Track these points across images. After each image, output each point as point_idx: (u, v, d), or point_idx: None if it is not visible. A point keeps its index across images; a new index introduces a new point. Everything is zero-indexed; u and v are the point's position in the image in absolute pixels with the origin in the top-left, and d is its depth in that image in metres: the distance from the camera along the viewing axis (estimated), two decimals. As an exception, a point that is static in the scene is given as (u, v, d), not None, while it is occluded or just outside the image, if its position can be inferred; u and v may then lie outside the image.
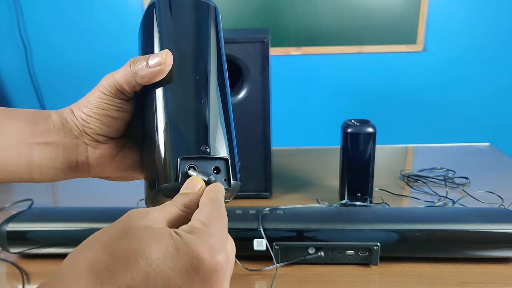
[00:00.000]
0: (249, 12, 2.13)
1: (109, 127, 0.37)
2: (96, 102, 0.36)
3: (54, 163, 0.37)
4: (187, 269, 0.25)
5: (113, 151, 0.39)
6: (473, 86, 2.22)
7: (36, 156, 0.36)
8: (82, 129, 0.37)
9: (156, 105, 0.35)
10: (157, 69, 0.34)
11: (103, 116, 0.37)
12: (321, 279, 0.59)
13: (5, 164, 0.35)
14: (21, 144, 0.35)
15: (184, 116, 0.34)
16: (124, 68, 0.36)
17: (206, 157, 0.33)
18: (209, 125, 0.34)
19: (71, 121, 0.37)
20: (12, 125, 0.35)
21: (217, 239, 0.27)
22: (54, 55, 2.26)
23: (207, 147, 0.34)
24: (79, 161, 0.38)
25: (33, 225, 0.63)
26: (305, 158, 1.07)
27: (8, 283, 0.60)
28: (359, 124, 0.74)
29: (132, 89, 0.36)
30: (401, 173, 0.94)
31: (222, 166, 0.34)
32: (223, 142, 0.35)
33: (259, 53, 0.74)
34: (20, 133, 0.35)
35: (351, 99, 2.28)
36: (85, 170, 0.39)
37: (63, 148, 0.37)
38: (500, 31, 2.13)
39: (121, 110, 0.37)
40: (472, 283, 0.57)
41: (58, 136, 0.36)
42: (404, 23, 2.11)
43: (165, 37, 0.37)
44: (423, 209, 0.65)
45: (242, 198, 0.82)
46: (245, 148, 0.79)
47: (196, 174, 0.32)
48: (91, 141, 0.38)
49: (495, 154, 1.07)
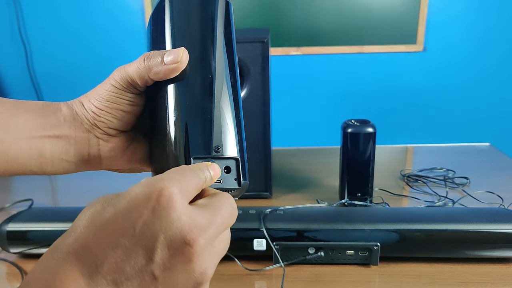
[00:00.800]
0: (249, 12, 2.13)
1: (120, 121, 0.37)
2: (107, 95, 0.36)
3: (66, 156, 0.37)
4: (170, 234, 0.25)
5: (124, 144, 0.39)
6: (473, 86, 2.22)
7: (47, 149, 0.36)
8: (93, 123, 0.37)
9: (169, 101, 0.35)
10: (172, 67, 0.34)
11: (115, 110, 0.37)
12: (321, 279, 0.59)
13: (16, 157, 0.35)
14: (31, 137, 0.35)
15: (197, 114, 0.34)
16: (138, 62, 0.35)
17: (218, 157, 0.34)
18: (222, 125, 0.35)
19: (82, 114, 0.37)
20: (22, 118, 0.35)
21: (209, 224, 0.27)
22: (54, 55, 2.26)
23: (219, 147, 0.34)
24: (90, 154, 0.38)
25: (33, 225, 0.62)
26: (305, 158, 1.07)
27: (8, 283, 0.60)
28: (359, 124, 0.74)
29: (145, 84, 0.36)
30: (401, 173, 0.94)
31: (233, 165, 0.34)
32: (235, 142, 0.35)
33: (259, 53, 0.74)
34: (30, 126, 0.35)
35: (351, 99, 2.28)
36: (97, 163, 0.39)
37: (75, 141, 0.37)
38: (500, 31, 2.13)
39: (132, 104, 0.37)
40: (472, 283, 0.57)
41: (69, 130, 0.36)
42: (404, 23, 2.11)
43: (178, 32, 0.37)
44: (423, 209, 0.65)
45: (242, 198, 0.82)
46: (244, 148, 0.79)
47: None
48: (102, 134, 0.37)
49: (495, 154, 1.07)
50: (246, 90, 0.76)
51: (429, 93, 2.25)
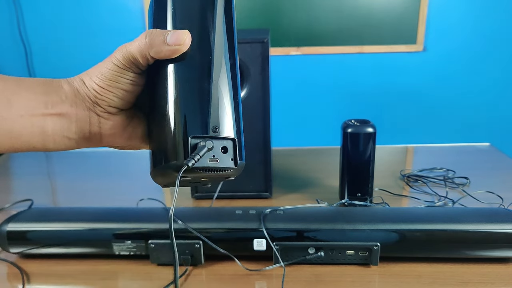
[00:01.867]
0: (249, 12, 2.13)
1: (121, 100, 0.38)
2: (109, 74, 0.37)
3: (67, 133, 0.37)
4: None
5: (124, 121, 0.39)
6: (473, 86, 2.22)
7: (49, 127, 0.36)
8: (94, 101, 0.37)
9: (168, 81, 0.36)
10: (174, 48, 0.34)
11: (116, 89, 0.37)
12: (321, 279, 0.59)
13: (20, 134, 0.35)
14: (33, 115, 0.35)
15: (196, 95, 0.35)
16: (139, 40, 0.36)
17: (215, 136, 0.35)
18: (220, 106, 0.35)
19: (83, 92, 0.37)
20: (24, 95, 0.36)
21: None
22: (54, 55, 2.26)
23: (217, 127, 0.35)
24: (91, 132, 0.38)
25: (33, 225, 0.63)
26: (305, 158, 1.07)
27: (8, 283, 0.60)
28: (359, 124, 0.74)
29: (146, 62, 0.36)
30: (401, 173, 0.94)
31: (230, 146, 0.35)
32: (232, 123, 0.36)
33: (259, 53, 0.74)
34: (31, 104, 0.35)
35: (351, 99, 2.28)
36: (97, 140, 0.39)
37: (76, 119, 0.37)
38: (500, 31, 2.13)
39: (134, 83, 0.37)
40: (472, 283, 0.57)
41: (71, 108, 0.37)
42: (404, 23, 2.11)
43: (179, 12, 0.37)
44: (423, 209, 0.65)
45: (242, 198, 0.82)
46: (245, 148, 0.79)
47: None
48: (103, 112, 0.38)
49: (495, 154, 1.07)
50: (246, 90, 0.76)
51: (429, 93, 2.25)
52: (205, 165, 0.34)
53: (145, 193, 0.86)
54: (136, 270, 0.62)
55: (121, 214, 0.64)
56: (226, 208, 0.65)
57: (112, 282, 0.59)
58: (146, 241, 0.61)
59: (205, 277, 0.60)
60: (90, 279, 0.60)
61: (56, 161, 1.10)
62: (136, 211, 0.66)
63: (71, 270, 0.62)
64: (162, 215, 0.63)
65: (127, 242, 0.61)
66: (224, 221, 0.61)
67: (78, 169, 1.03)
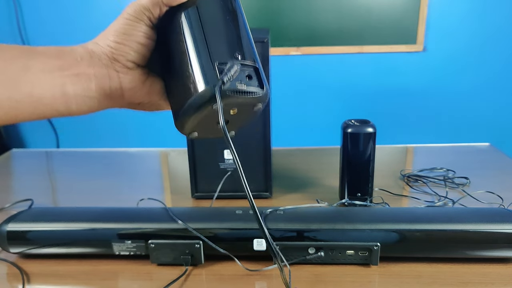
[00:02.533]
0: (249, 12, 2.12)
1: (137, 53, 0.39)
2: (123, 29, 0.38)
3: (88, 92, 0.38)
4: None
5: (142, 76, 0.41)
6: (473, 86, 2.22)
7: (69, 87, 0.37)
8: (111, 57, 0.38)
9: (184, 24, 0.37)
10: None
11: (131, 41, 0.38)
12: (321, 279, 0.59)
13: (41, 97, 0.36)
14: (52, 77, 0.36)
15: (217, 27, 0.37)
16: None
17: (241, 63, 0.36)
18: (239, 36, 0.38)
19: (99, 51, 0.38)
20: (39, 60, 0.36)
21: None
22: (54, 55, 2.26)
23: (239, 54, 0.37)
24: (112, 88, 0.39)
25: (33, 225, 0.62)
26: (305, 158, 1.07)
27: (8, 283, 0.60)
28: (359, 124, 0.74)
29: (158, 13, 0.38)
30: (401, 173, 0.94)
31: (253, 73, 0.37)
32: (252, 52, 0.38)
33: (259, 53, 0.73)
34: (48, 67, 0.36)
35: (351, 99, 2.28)
36: (119, 96, 0.40)
37: (94, 77, 0.38)
38: (500, 31, 2.13)
39: (147, 37, 0.39)
40: (472, 283, 0.57)
41: (88, 68, 0.37)
42: (404, 23, 2.11)
43: None
44: (423, 209, 0.65)
45: (242, 198, 0.82)
46: (245, 148, 0.79)
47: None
48: (121, 67, 0.39)
49: (495, 154, 1.07)
50: (246, 90, 0.76)
51: (429, 93, 2.25)
52: (237, 88, 0.35)
53: (145, 193, 0.86)
54: (136, 270, 0.62)
55: (121, 214, 0.64)
56: (226, 208, 0.65)
57: (112, 282, 0.60)
58: (146, 241, 0.61)
59: (205, 277, 0.60)
60: (90, 279, 0.60)
61: (56, 161, 1.10)
62: (136, 211, 0.66)
63: (71, 270, 0.62)
64: (162, 215, 0.63)
65: (127, 242, 0.61)
66: (224, 221, 0.61)
67: (78, 169, 1.03)
